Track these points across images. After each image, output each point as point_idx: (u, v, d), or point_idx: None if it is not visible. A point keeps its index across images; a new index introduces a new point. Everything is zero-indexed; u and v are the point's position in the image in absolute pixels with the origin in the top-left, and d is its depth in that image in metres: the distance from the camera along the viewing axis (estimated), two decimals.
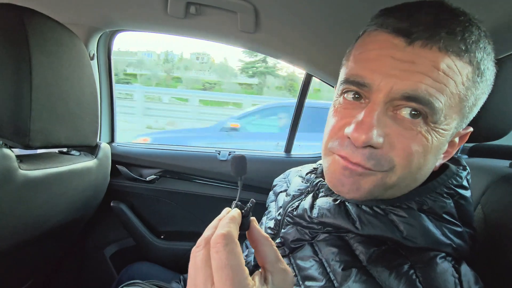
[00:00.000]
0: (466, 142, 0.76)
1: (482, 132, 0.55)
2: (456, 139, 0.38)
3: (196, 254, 0.27)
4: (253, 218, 0.33)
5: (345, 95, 0.36)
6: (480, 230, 0.48)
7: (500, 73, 0.52)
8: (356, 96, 0.35)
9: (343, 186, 0.35)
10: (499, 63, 0.52)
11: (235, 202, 0.33)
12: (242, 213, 0.32)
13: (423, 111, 0.31)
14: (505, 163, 0.58)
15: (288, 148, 1.26)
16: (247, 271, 0.26)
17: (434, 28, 0.30)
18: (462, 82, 0.31)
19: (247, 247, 0.59)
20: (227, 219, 0.29)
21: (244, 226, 0.32)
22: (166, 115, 5.69)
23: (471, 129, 0.37)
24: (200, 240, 0.28)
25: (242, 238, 0.35)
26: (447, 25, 0.30)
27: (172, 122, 5.59)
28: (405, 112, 0.32)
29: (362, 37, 0.37)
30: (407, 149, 0.32)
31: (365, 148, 0.32)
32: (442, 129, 0.32)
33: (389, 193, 0.36)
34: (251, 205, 0.33)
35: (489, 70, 0.34)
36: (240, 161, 0.37)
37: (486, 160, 0.64)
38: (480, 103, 0.36)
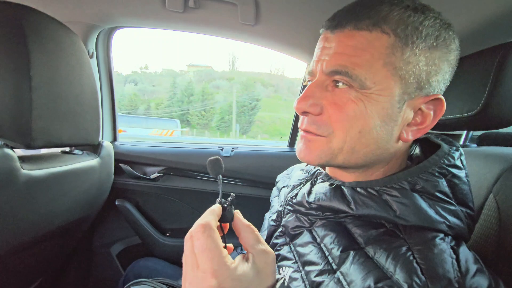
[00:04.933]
0: (476, 131, 0.75)
1: (491, 120, 0.53)
2: (424, 107, 0.39)
3: (185, 246, 0.33)
4: (236, 211, 0.38)
5: (307, 84, 0.44)
6: (493, 220, 0.47)
7: (508, 59, 0.50)
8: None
9: (301, 152, 0.42)
10: (509, 47, 0.51)
11: (218, 199, 0.38)
12: (224, 207, 0.37)
13: (344, 80, 0.37)
14: None
15: (291, 143, 1.25)
16: (225, 251, 0.32)
17: (345, 17, 0.38)
18: (380, 50, 0.36)
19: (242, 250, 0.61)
20: (206, 213, 0.36)
21: (228, 218, 0.37)
22: None
23: (439, 96, 0.38)
24: (188, 234, 0.33)
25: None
26: (355, 12, 0.37)
27: None
28: (338, 85, 0.38)
29: None
30: (339, 114, 0.38)
31: (308, 116, 0.40)
32: (377, 94, 0.36)
33: (341, 158, 0.40)
34: (231, 199, 0.38)
35: (420, 36, 0.36)
36: (215, 163, 0.42)
37: (496, 148, 0.62)
38: (436, 69, 0.37)
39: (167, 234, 1.15)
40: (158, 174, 1.13)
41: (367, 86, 0.36)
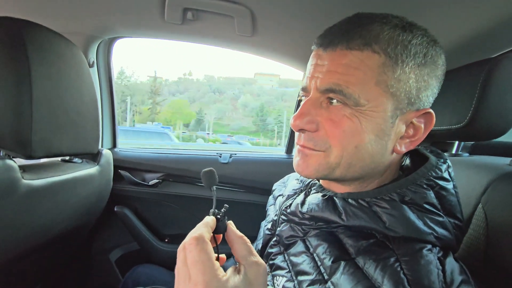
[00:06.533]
0: (467, 141, 0.76)
1: (479, 132, 0.55)
2: (415, 121, 0.40)
3: (178, 258, 0.33)
4: (229, 222, 0.39)
5: (302, 99, 0.45)
6: (481, 230, 0.48)
7: (496, 71, 0.52)
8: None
9: (299, 167, 0.43)
10: (494, 61, 0.52)
11: (212, 210, 0.39)
12: (217, 218, 0.37)
13: (339, 98, 0.38)
14: (505, 160, 0.58)
15: (289, 149, 1.27)
16: (217, 264, 0.32)
17: (337, 35, 0.39)
18: (372, 68, 0.37)
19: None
20: (200, 225, 0.36)
21: (221, 229, 0.38)
22: None
23: (429, 110, 0.40)
24: (181, 246, 0.34)
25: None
26: (347, 30, 0.38)
27: None
28: (333, 102, 0.39)
29: None
30: (335, 130, 0.39)
31: (305, 133, 0.41)
32: (370, 110, 0.37)
33: (338, 173, 0.41)
34: (224, 210, 0.39)
35: (409, 55, 0.37)
36: (209, 174, 0.44)
37: (487, 157, 0.63)
38: (425, 85, 0.39)
39: (166, 240, 1.16)
40: (157, 181, 1.14)
41: (361, 103, 0.37)
